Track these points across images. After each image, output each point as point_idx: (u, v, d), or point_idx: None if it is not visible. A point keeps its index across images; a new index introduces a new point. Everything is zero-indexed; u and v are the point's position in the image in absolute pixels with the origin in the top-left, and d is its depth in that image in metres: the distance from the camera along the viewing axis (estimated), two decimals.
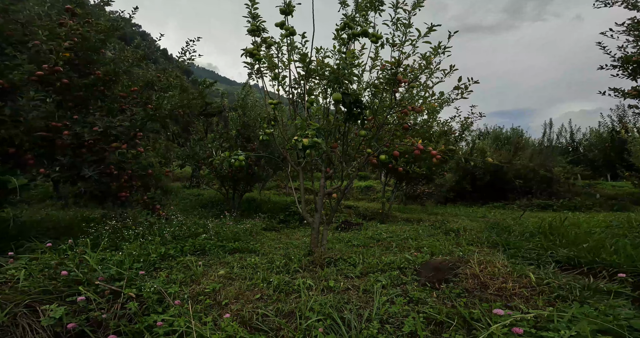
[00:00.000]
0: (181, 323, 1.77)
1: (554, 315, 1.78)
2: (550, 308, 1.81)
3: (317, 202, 3.37)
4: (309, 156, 2.24)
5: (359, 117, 2.70)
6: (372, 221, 8.48)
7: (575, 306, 1.83)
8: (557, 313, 1.79)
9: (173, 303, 2.08)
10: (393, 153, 3.02)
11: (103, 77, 5.02)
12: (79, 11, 4.59)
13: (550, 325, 1.66)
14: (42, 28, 3.93)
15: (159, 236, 4.27)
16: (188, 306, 1.99)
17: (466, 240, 4.88)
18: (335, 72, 2.46)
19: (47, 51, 3.77)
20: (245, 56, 2.89)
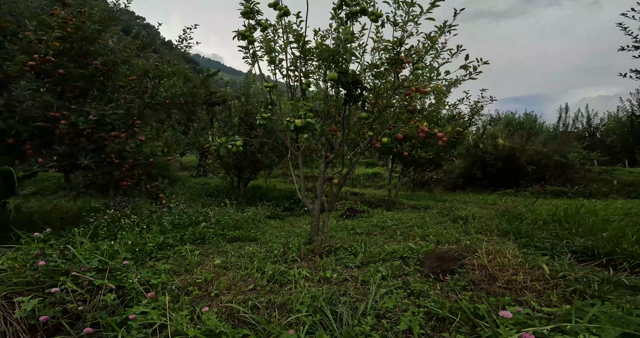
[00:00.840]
0: (154, 317, 1.67)
1: (572, 315, 1.59)
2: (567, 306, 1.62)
3: (317, 188, 3.23)
4: (306, 139, 2.08)
5: (358, 98, 2.51)
6: (378, 208, 8.33)
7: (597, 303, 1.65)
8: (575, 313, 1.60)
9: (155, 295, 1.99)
10: (396, 136, 2.84)
11: (101, 67, 4.91)
12: (70, 1, 4.44)
13: (567, 326, 1.49)
14: (29, 18, 3.81)
15: (159, 224, 4.22)
16: (164, 298, 1.89)
17: (475, 228, 4.70)
18: (330, 51, 2.26)
19: (36, 40, 3.66)
20: (238, 38, 2.70)
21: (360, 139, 3.04)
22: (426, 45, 2.96)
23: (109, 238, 3.81)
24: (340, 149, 3.05)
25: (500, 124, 16.46)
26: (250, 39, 2.71)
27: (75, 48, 4.50)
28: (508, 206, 8.26)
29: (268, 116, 2.93)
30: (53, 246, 2.45)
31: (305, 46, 2.56)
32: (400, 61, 2.66)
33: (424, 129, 2.85)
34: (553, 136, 13.36)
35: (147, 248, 3.45)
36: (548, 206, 7.55)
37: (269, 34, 3.19)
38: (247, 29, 2.70)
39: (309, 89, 3.06)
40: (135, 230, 3.76)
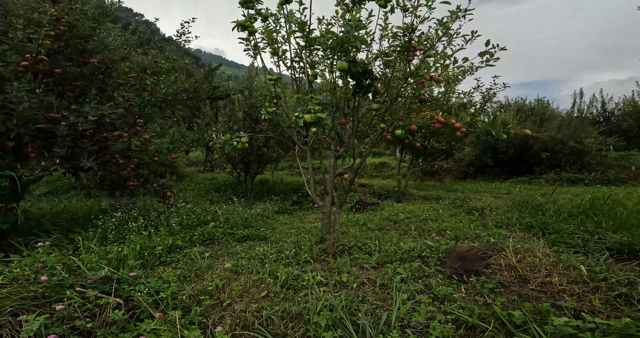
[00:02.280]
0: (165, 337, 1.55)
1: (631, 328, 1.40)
2: (626, 320, 1.41)
3: (327, 184, 3.08)
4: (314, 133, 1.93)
5: (369, 89, 2.32)
6: (387, 200, 8.17)
7: None
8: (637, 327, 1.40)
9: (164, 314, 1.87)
10: (410, 127, 2.65)
11: (99, 65, 4.77)
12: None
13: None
14: (17, 17, 3.66)
15: (167, 225, 4.13)
16: (175, 314, 1.77)
17: (493, 221, 4.52)
18: (339, 39, 2.06)
19: (25, 39, 3.52)
20: (237, 29, 2.52)
21: (370, 131, 2.86)
22: (439, 31, 2.74)
23: (118, 241, 3.74)
24: (350, 142, 2.88)
25: (511, 111, 15.99)
26: (250, 29, 2.53)
27: (70, 46, 4.35)
28: (524, 195, 8.03)
29: (273, 110, 2.76)
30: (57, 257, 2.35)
31: (310, 34, 2.36)
32: (412, 49, 2.45)
33: (439, 119, 2.65)
34: (567, 122, 12.90)
35: (156, 251, 3.36)
36: (567, 194, 7.30)
37: (270, 24, 3.00)
38: (246, 19, 2.51)
39: (315, 81, 2.87)
40: (144, 233, 3.66)
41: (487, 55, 2.71)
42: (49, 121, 3.79)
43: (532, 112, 15.61)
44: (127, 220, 3.97)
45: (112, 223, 3.89)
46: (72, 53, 4.56)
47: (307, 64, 2.62)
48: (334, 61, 2.41)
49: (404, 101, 2.97)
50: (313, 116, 1.86)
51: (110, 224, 3.89)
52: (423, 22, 2.39)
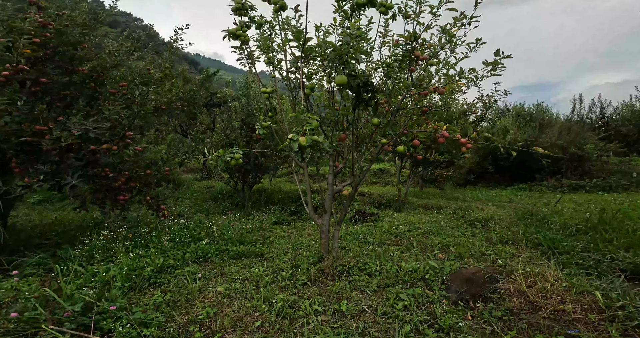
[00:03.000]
0: None
1: None
2: None
3: (326, 202, 2.92)
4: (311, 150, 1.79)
5: (370, 102, 2.18)
6: (387, 209, 8.00)
7: None
8: None
9: None
10: (413, 143, 2.51)
11: (90, 73, 4.63)
12: (44, 3, 4.14)
13: None
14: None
15: (159, 242, 3.95)
16: None
17: (497, 236, 4.35)
18: (337, 50, 1.92)
19: (4, 48, 3.37)
20: (228, 38, 2.38)
21: (370, 144, 2.71)
22: (442, 39, 2.61)
23: (107, 259, 3.56)
24: (349, 158, 2.73)
25: (509, 116, 15.92)
26: (242, 38, 2.39)
27: (59, 54, 4.21)
28: (526, 204, 7.88)
29: (268, 124, 2.61)
30: (32, 287, 2.17)
31: (306, 44, 2.22)
32: (415, 58, 2.32)
33: (444, 133, 2.51)
34: (567, 128, 12.81)
35: (145, 272, 3.18)
36: (570, 203, 7.16)
37: (266, 32, 2.87)
38: (238, 28, 2.38)
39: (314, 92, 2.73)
40: (131, 254, 3.48)
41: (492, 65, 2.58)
42: (34, 133, 3.63)
43: (531, 118, 15.54)
44: (115, 239, 3.79)
45: (100, 242, 3.71)
46: (60, 61, 4.42)
47: (304, 75, 2.48)
48: (331, 73, 2.27)
49: (406, 113, 2.83)
50: (309, 138, 1.71)
51: (97, 242, 3.70)
52: (427, 30, 2.26)
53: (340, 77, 1.95)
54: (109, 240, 3.75)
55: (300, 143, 1.68)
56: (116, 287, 2.90)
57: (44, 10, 4.16)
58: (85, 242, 3.87)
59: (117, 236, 3.81)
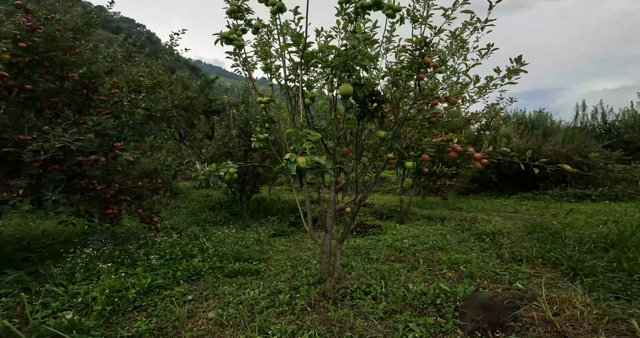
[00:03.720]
0: None
1: None
2: None
3: (327, 221, 2.69)
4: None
5: (376, 113, 1.97)
6: (389, 220, 7.75)
7: None
8: None
9: None
10: (422, 158, 2.30)
11: (81, 80, 4.44)
12: (31, 6, 3.97)
13: None
14: None
15: (148, 260, 3.70)
16: None
17: (510, 252, 4.11)
18: (342, 56, 1.71)
19: None
20: (221, 42, 2.18)
21: (375, 158, 2.50)
22: (452, 44, 2.42)
23: (90, 278, 3.30)
24: (352, 174, 2.51)
25: (511, 123, 15.76)
26: (236, 42, 2.19)
27: (48, 59, 4.02)
28: (533, 215, 7.64)
29: (265, 137, 2.40)
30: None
31: (306, 49, 2.01)
32: (425, 65, 2.12)
33: (456, 147, 2.29)
34: (571, 135, 12.63)
35: (129, 295, 2.93)
36: (579, 215, 6.91)
37: (264, 37, 2.68)
38: (231, 31, 2.18)
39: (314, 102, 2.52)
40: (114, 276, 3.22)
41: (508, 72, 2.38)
42: (17, 144, 3.42)
43: (533, 125, 15.37)
44: (99, 257, 3.54)
45: (82, 259, 3.46)
46: (50, 67, 4.24)
47: (303, 84, 2.27)
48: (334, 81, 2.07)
49: (413, 124, 2.63)
50: (309, 159, 1.49)
51: (79, 260, 3.46)
52: (439, 34, 2.06)
53: (345, 87, 1.74)
54: (92, 258, 3.51)
55: (299, 165, 1.46)
56: (96, 312, 2.65)
57: (31, 14, 3.99)
58: (67, 260, 3.62)
59: (100, 254, 3.57)
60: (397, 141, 2.16)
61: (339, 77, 1.69)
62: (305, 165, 1.45)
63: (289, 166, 1.45)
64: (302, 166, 1.45)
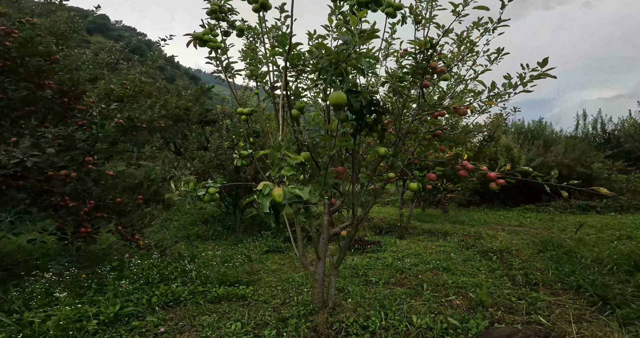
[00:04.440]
0: None
1: None
2: None
3: (319, 248, 2.36)
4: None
5: (375, 127, 1.67)
6: (389, 235, 7.39)
7: None
8: None
9: None
10: (428, 177, 2.00)
11: (59, 87, 4.16)
12: (2, 9, 3.71)
13: None
14: None
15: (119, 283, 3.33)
16: None
17: (522, 274, 3.77)
18: (332, 55, 1.39)
19: None
20: (194, 44, 1.89)
21: (375, 178, 2.19)
22: (460, 47, 2.14)
23: (49, 304, 2.94)
24: (349, 195, 2.20)
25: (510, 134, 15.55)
26: (212, 44, 1.90)
27: (22, 65, 3.74)
28: (539, 229, 7.31)
29: (248, 153, 2.10)
30: None
31: (292, 50, 1.70)
32: (431, 70, 1.84)
33: (466, 165, 1.99)
34: (572, 146, 12.41)
35: (89, 326, 2.56)
36: (589, 229, 6.58)
37: (251, 40, 2.40)
38: (206, 31, 1.90)
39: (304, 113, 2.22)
40: (81, 298, 2.87)
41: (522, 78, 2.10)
42: None
43: (533, 135, 15.17)
44: (60, 282, 3.18)
45: (42, 285, 3.10)
46: (25, 73, 3.95)
47: (290, 92, 1.98)
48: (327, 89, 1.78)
49: (416, 137, 2.33)
50: (288, 192, 1.17)
51: (38, 285, 3.09)
52: (448, 34, 1.78)
53: (336, 95, 1.37)
54: (52, 283, 3.15)
55: (274, 199, 1.13)
56: None
57: (6, 17, 3.73)
58: (28, 283, 3.25)
59: (61, 279, 3.21)
60: (398, 158, 1.86)
61: (330, 83, 1.39)
62: (282, 199, 1.12)
63: (260, 201, 1.12)
64: (278, 200, 1.12)
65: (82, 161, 3.15)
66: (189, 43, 1.90)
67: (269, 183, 1.21)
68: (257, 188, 1.18)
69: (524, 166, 1.89)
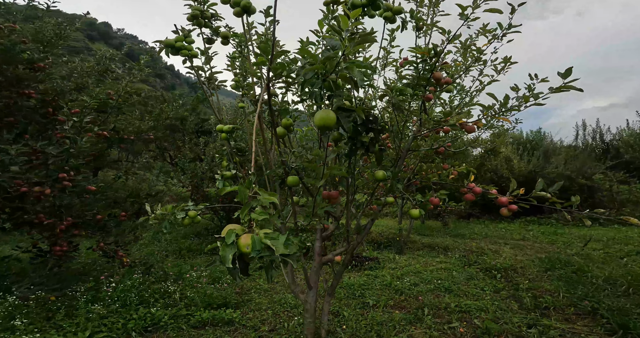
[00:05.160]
0: None
1: None
2: None
3: (311, 276, 2.14)
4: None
5: (371, 147, 1.45)
6: (388, 249, 7.11)
7: None
8: None
9: None
10: (431, 201, 1.79)
11: (42, 97, 3.96)
12: None
13: None
14: None
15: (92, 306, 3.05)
16: None
17: (530, 296, 3.52)
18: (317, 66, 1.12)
19: None
20: (166, 53, 1.69)
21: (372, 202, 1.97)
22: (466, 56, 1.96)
23: (11, 330, 2.66)
24: (343, 221, 1.99)
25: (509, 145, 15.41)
26: (185, 52, 1.69)
27: (1, 74, 3.55)
28: (543, 243, 7.07)
29: (232, 174, 1.88)
30: None
31: (278, 57, 1.49)
32: (435, 81, 1.64)
33: (474, 189, 1.78)
34: (572, 156, 12.26)
35: None
36: (596, 244, 6.35)
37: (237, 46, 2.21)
38: (179, 37, 1.70)
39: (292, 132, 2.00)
40: (49, 322, 2.60)
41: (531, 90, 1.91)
42: None
43: (532, 145, 15.03)
44: (24, 306, 2.91)
45: (4, 309, 2.83)
46: (5, 82, 3.75)
47: (276, 106, 1.77)
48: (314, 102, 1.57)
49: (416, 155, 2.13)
50: (257, 241, 0.94)
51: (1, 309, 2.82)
52: (454, 40, 1.60)
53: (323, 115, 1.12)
54: (16, 307, 2.88)
55: (239, 249, 0.90)
56: None
57: None
58: None
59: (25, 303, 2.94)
60: (398, 180, 1.64)
61: (317, 99, 1.17)
62: (249, 249, 0.90)
63: (222, 254, 0.89)
64: (246, 250, 0.90)
65: (55, 178, 2.92)
66: (160, 51, 1.70)
67: (236, 227, 0.98)
68: (220, 235, 0.95)
69: (540, 190, 1.68)
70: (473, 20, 1.48)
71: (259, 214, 0.96)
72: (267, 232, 0.96)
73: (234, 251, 0.92)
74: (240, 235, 0.97)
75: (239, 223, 1.14)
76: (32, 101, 3.94)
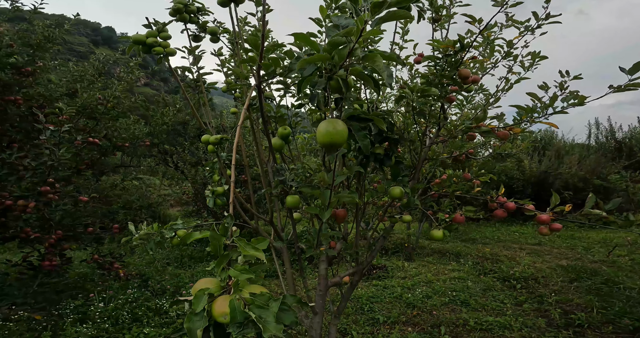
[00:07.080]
0: None
1: None
2: None
3: (316, 301, 1.87)
4: None
5: (387, 160, 1.18)
6: (396, 256, 6.81)
7: None
8: None
9: None
10: (455, 220, 1.52)
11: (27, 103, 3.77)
12: None
13: None
14: None
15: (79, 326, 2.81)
16: None
17: (559, 311, 3.22)
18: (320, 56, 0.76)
19: None
20: (138, 52, 1.43)
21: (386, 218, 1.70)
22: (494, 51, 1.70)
23: None
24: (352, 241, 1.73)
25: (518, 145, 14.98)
26: (159, 49, 1.44)
27: None
28: (561, 248, 6.70)
29: (225, 189, 1.64)
30: None
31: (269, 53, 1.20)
32: (461, 79, 1.38)
33: (507, 205, 1.51)
34: (585, 156, 11.84)
35: None
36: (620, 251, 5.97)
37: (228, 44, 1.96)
38: (150, 33, 1.45)
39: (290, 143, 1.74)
40: None
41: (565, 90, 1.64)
42: None
43: (543, 145, 14.59)
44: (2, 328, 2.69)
45: None
46: None
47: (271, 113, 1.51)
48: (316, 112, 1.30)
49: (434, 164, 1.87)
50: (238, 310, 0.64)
51: None
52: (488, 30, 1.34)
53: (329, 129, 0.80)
54: None
55: (213, 316, 0.63)
56: None
57: None
58: None
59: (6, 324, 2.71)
60: (416, 197, 1.38)
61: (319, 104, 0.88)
62: (227, 320, 0.63)
63: (187, 326, 0.62)
64: (221, 320, 0.63)
65: (39, 192, 2.70)
66: (129, 49, 1.46)
67: (211, 282, 0.72)
68: (194, 292, 0.68)
69: (591, 208, 1.40)
70: (514, 5, 1.21)
71: (240, 272, 0.70)
72: (253, 292, 0.70)
73: (204, 325, 0.66)
74: (216, 296, 0.71)
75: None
76: (22, 108, 3.75)
